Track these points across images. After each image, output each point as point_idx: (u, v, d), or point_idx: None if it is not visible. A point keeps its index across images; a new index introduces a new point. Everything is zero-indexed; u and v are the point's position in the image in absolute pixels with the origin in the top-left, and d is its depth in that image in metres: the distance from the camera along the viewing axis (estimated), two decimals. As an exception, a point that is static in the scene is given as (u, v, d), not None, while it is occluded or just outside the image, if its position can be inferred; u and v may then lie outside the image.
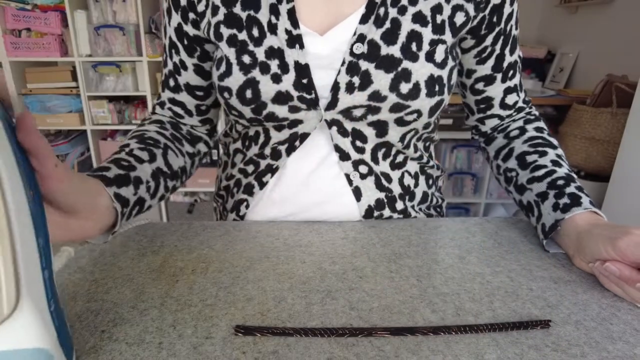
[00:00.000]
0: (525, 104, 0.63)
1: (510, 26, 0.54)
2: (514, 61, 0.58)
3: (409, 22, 0.48)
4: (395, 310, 0.41)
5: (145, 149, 0.52)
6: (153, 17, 2.15)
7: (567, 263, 0.51)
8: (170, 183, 0.55)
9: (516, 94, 0.60)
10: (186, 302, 0.42)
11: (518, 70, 0.59)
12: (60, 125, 2.28)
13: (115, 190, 0.44)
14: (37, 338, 0.26)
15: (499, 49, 0.56)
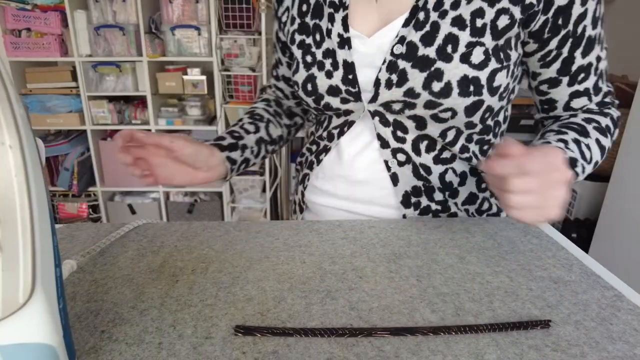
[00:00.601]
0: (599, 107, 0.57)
1: (583, 27, 0.51)
2: (588, 64, 0.54)
3: (447, 25, 0.51)
4: (395, 311, 0.41)
5: (252, 123, 0.70)
6: (153, 17, 2.15)
7: (567, 263, 0.51)
8: (270, 147, 0.73)
9: (587, 97, 0.56)
10: (186, 302, 0.42)
11: (594, 73, 0.55)
12: (60, 125, 2.28)
13: (227, 154, 0.63)
14: (45, 333, 0.26)
15: (566, 52, 0.53)
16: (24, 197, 0.24)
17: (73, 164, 2.28)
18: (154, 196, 2.49)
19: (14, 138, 0.24)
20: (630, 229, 1.49)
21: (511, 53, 0.54)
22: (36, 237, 0.25)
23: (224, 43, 2.16)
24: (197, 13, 2.12)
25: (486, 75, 0.52)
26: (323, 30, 0.59)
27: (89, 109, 2.22)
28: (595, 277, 0.48)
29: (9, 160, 0.24)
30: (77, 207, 2.44)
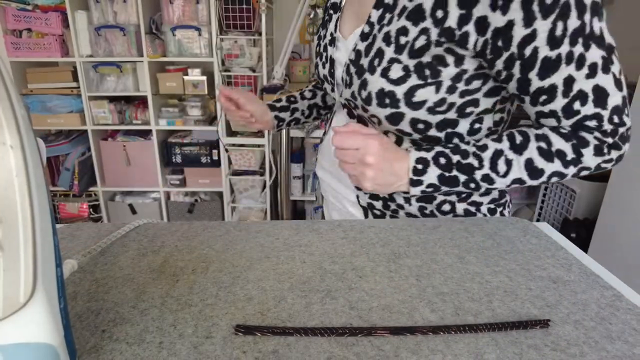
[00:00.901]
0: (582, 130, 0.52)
1: (533, 49, 0.47)
2: (550, 86, 0.49)
3: (380, 40, 0.55)
4: (394, 310, 0.41)
5: (312, 91, 0.91)
6: (153, 18, 2.16)
7: (567, 263, 0.51)
8: (323, 112, 0.92)
9: (554, 119, 0.52)
10: (186, 301, 0.42)
11: (563, 95, 0.49)
12: (61, 126, 2.28)
13: (276, 114, 0.87)
14: (46, 333, 0.26)
15: (518, 73, 0.50)
16: (25, 197, 0.24)
17: (74, 164, 2.28)
18: (155, 196, 2.49)
19: (15, 138, 0.24)
20: (629, 229, 1.49)
21: (444, 69, 0.53)
22: (37, 236, 0.25)
23: (225, 43, 2.16)
24: (197, 13, 2.12)
25: (403, 90, 0.54)
26: (326, 28, 0.70)
27: (89, 109, 2.22)
28: (595, 276, 0.48)
29: (10, 160, 0.24)
30: (77, 207, 2.45)
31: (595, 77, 0.49)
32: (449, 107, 0.55)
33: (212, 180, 2.43)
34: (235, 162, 2.33)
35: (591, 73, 0.48)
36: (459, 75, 0.53)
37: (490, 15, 0.47)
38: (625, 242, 1.51)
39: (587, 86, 0.49)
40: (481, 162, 0.54)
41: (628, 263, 1.50)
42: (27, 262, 0.24)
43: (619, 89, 0.50)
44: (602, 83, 0.49)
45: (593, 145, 0.52)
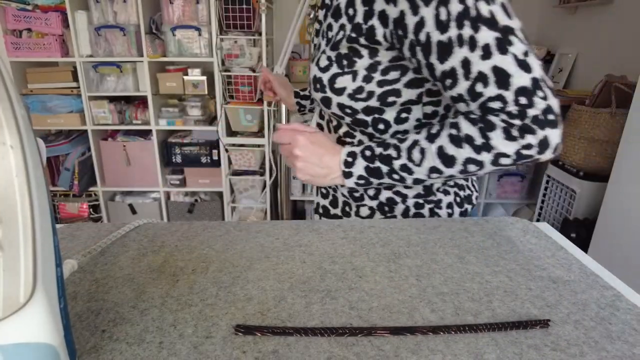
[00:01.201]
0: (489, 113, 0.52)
1: (426, 34, 0.50)
2: (450, 69, 0.51)
3: (321, 36, 0.65)
4: (394, 310, 0.41)
5: None
6: (154, 18, 2.16)
7: (566, 263, 0.51)
8: None
9: (464, 103, 0.53)
10: (186, 301, 0.42)
11: (465, 78, 0.50)
12: (61, 126, 2.28)
13: (298, 100, 1.04)
14: (46, 333, 0.26)
15: (422, 58, 0.53)
16: (25, 197, 0.24)
17: (74, 164, 2.28)
18: (155, 196, 2.49)
19: (15, 138, 0.24)
20: (629, 229, 1.49)
21: (358, 60, 0.58)
22: (37, 236, 0.25)
23: (225, 43, 2.16)
24: (197, 14, 2.12)
25: (327, 77, 0.61)
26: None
27: (89, 109, 2.22)
28: (595, 276, 0.48)
29: (10, 160, 0.24)
30: (77, 207, 2.45)
31: (492, 59, 0.49)
32: (369, 95, 0.60)
33: (212, 180, 2.43)
34: (235, 162, 2.33)
35: (486, 54, 0.49)
36: (374, 65, 0.58)
37: (387, 8, 0.52)
38: (625, 242, 1.51)
39: (485, 67, 0.49)
40: (399, 152, 0.58)
41: (628, 263, 1.50)
42: (27, 262, 0.24)
43: (524, 70, 0.49)
44: (500, 64, 0.49)
45: (500, 128, 0.51)
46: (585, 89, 2.16)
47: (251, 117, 2.26)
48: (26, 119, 0.26)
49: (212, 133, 2.29)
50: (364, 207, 0.70)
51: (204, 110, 2.28)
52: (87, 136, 2.28)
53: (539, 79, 0.49)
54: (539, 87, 0.49)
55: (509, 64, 0.49)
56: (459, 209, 0.69)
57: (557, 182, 1.99)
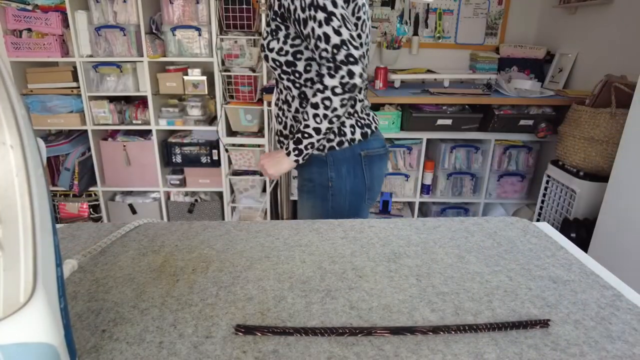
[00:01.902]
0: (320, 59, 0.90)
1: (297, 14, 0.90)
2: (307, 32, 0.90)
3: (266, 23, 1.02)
4: (394, 310, 0.41)
5: None
6: (154, 18, 2.16)
7: (566, 263, 0.51)
8: None
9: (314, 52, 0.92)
10: (187, 301, 0.42)
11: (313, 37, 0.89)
12: (61, 126, 2.28)
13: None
14: (46, 332, 0.26)
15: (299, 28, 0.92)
16: (25, 196, 0.24)
17: (74, 164, 2.28)
18: (155, 196, 2.49)
19: (15, 138, 0.24)
20: (629, 229, 1.49)
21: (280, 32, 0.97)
22: (37, 236, 0.25)
23: (225, 43, 2.16)
24: (197, 14, 2.12)
25: (266, 42, 0.99)
26: None
27: (89, 109, 2.22)
28: (595, 276, 0.48)
29: (10, 160, 0.24)
30: (77, 207, 2.45)
31: (322, 28, 0.87)
32: (286, 53, 0.98)
33: (212, 180, 2.43)
34: (235, 162, 2.33)
35: (319, 25, 0.87)
36: (287, 35, 0.97)
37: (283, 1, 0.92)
38: (625, 242, 1.51)
39: (320, 32, 0.87)
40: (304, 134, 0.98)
41: (628, 263, 1.50)
42: (27, 262, 0.24)
43: (337, 35, 0.86)
44: (326, 31, 0.87)
45: (326, 74, 0.88)
46: (585, 89, 2.16)
47: (251, 117, 2.26)
48: (26, 119, 0.26)
49: (212, 133, 2.29)
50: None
51: (204, 110, 2.28)
52: (87, 136, 2.28)
53: (345, 40, 0.86)
54: (344, 44, 0.87)
55: (330, 31, 0.87)
56: (360, 130, 1.05)
57: (557, 182, 1.99)
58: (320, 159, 1.05)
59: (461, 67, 2.67)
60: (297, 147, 0.98)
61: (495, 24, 2.64)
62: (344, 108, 0.92)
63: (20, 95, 0.25)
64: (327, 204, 1.07)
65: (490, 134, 2.22)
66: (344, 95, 0.89)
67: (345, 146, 1.03)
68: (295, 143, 0.98)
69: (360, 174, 1.07)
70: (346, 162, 1.05)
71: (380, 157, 1.11)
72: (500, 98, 2.14)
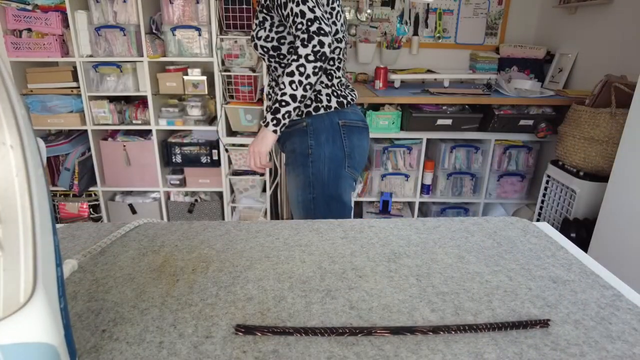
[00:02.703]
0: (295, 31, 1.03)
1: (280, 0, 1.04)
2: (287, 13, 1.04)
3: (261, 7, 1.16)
4: (394, 310, 0.41)
5: None
6: (154, 18, 2.16)
7: (566, 263, 0.51)
8: None
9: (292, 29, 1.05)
10: (187, 301, 0.42)
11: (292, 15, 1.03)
12: (61, 126, 2.28)
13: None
14: (46, 333, 0.26)
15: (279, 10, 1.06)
16: (25, 196, 0.24)
17: (74, 164, 2.28)
18: (155, 196, 2.49)
19: (15, 138, 0.24)
20: (629, 229, 1.49)
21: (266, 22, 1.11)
22: (37, 236, 0.25)
23: (224, 43, 2.16)
24: (197, 14, 2.12)
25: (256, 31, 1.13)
26: None
27: (89, 109, 2.22)
28: (595, 276, 0.48)
29: (10, 160, 0.24)
30: (77, 206, 2.45)
31: (299, 6, 1.00)
32: (272, 39, 1.12)
33: (212, 180, 2.43)
34: (235, 162, 2.33)
35: (296, 5, 1.01)
36: (272, 23, 1.11)
37: None
38: (625, 242, 1.51)
39: (297, 10, 1.01)
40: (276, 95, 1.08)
41: (628, 263, 1.50)
42: (27, 262, 0.24)
43: (311, 12, 1.00)
44: (302, 9, 1.00)
45: (299, 44, 1.01)
46: (585, 89, 2.16)
47: (251, 117, 2.26)
48: (26, 119, 0.26)
49: (212, 133, 2.29)
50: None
51: (204, 110, 2.28)
52: (87, 136, 2.28)
53: (317, 17, 1.00)
54: (317, 20, 1.00)
55: (305, 9, 1.00)
56: (336, 99, 1.16)
57: (557, 182, 1.99)
58: (301, 129, 1.15)
59: (461, 67, 2.67)
60: (275, 116, 1.06)
61: (495, 24, 2.64)
62: (316, 76, 1.03)
63: (20, 95, 0.25)
64: (307, 170, 1.15)
65: (490, 134, 2.22)
66: (316, 64, 1.01)
67: (321, 112, 1.14)
68: (273, 113, 1.06)
69: (339, 142, 1.14)
70: (325, 131, 1.14)
71: (360, 130, 1.19)
72: (500, 98, 2.14)
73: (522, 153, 2.33)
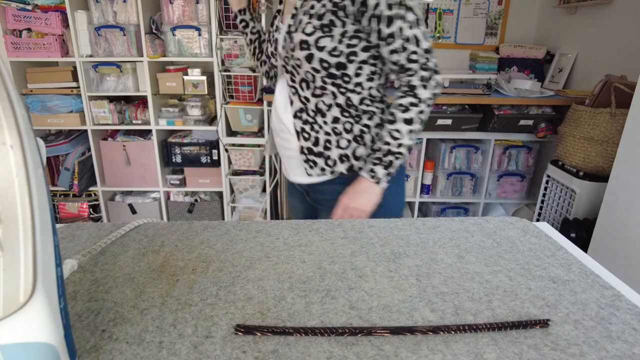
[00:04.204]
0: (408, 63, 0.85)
1: (379, 10, 0.81)
2: (392, 32, 0.83)
3: (301, 15, 0.88)
4: (394, 310, 0.41)
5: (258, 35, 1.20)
6: (153, 18, 2.16)
7: (566, 263, 0.51)
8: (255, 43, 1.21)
9: (397, 54, 0.85)
10: (186, 301, 0.42)
11: (399, 37, 0.82)
12: (61, 125, 2.28)
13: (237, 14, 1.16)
14: (46, 332, 0.26)
15: (376, 26, 0.83)
16: (25, 196, 0.24)
17: (74, 164, 2.28)
18: (155, 196, 2.49)
19: (15, 138, 0.24)
20: (629, 229, 1.49)
21: (334, 28, 0.85)
22: (37, 236, 0.25)
23: (224, 43, 2.16)
24: (197, 14, 2.12)
25: (313, 39, 0.86)
26: (274, 24, 1.00)
27: (89, 109, 2.22)
28: (594, 276, 0.48)
29: (10, 160, 0.24)
30: (77, 206, 2.45)
31: (412, 30, 0.82)
32: (340, 53, 0.87)
33: (212, 180, 2.43)
34: (235, 162, 2.33)
35: (410, 27, 0.82)
36: (344, 33, 0.86)
37: None
38: (625, 242, 1.51)
39: (410, 33, 0.82)
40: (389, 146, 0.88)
41: (628, 263, 1.50)
42: (27, 262, 0.24)
43: (425, 40, 0.83)
44: (416, 34, 0.83)
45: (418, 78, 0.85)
46: (585, 89, 2.16)
47: (251, 117, 2.26)
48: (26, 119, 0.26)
49: (212, 133, 2.29)
50: (342, 140, 0.95)
51: (204, 110, 2.28)
52: (87, 136, 2.28)
53: (431, 47, 0.84)
54: (431, 51, 0.85)
55: (420, 35, 0.83)
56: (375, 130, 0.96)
57: (557, 182, 1.99)
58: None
59: (461, 67, 2.67)
60: (389, 171, 0.87)
61: (495, 24, 2.64)
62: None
63: (20, 95, 0.25)
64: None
65: (490, 134, 2.22)
66: (431, 108, 0.86)
67: None
68: (387, 167, 0.86)
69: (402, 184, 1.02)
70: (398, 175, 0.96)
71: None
72: (500, 98, 2.15)
73: (522, 153, 2.33)
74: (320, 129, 0.94)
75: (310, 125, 0.94)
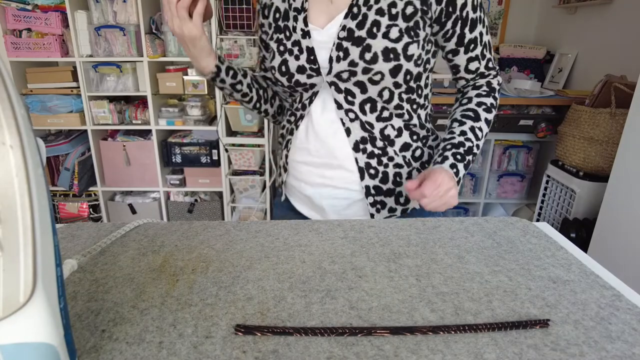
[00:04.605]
0: (487, 70, 0.80)
1: (466, 12, 0.73)
2: (474, 37, 0.76)
3: (373, 14, 0.71)
4: (394, 310, 0.41)
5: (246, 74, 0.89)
6: (153, 18, 2.15)
7: (566, 263, 0.51)
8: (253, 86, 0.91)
9: (477, 62, 0.79)
10: (186, 301, 0.42)
11: (480, 44, 0.76)
12: (61, 126, 2.28)
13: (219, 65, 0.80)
14: (46, 332, 0.26)
15: (459, 29, 0.74)
16: (25, 197, 0.24)
17: (73, 164, 2.28)
18: (155, 196, 2.49)
19: (15, 138, 0.24)
20: (629, 229, 1.49)
21: (419, 32, 0.72)
22: (37, 236, 0.25)
23: (224, 43, 2.16)
24: (197, 13, 2.12)
25: (401, 46, 0.70)
26: (290, 28, 0.78)
27: (89, 109, 2.22)
28: (594, 276, 0.48)
29: (10, 160, 0.24)
30: (77, 206, 2.45)
31: (487, 35, 0.77)
32: (422, 61, 0.75)
33: (212, 180, 2.43)
34: (235, 162, 2.33)
35: (486, 31, 0.77)
36: (426, 36, 0.74)
37: None
38: (625, 242, 1.51)
39: (486, 39, 0.77)
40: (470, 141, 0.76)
41: (628, 263, 1.50)
42: (27, 262, 0.24)
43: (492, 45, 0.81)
44: (490, 39, 0.78)
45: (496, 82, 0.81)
46: (585, 89, 2.16)
47: (251, 117, 2.26)
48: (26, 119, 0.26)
49: (212, 133, 2.29)
50: (414, 171, 0.82)
51: (203, 110, 2.28)
52: (87, 136, 2.28)
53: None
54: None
55: (490, 39, 0.78)
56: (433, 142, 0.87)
57: (557, 182, 1.99)
58: None
59: (461, 67, 2.67)
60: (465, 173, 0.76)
61: (495, 24, 2.64)
62: None
63: (20, 95, 0.25)
64: None
65: (490, 134, 2.22)
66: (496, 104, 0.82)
67: None
68: (465, 168, 0.76)
69: None
70: None
71: None
72: (500, 98, 2.14)
73: (522, 153, 2.33)
74: (389, 162, 0.78)
75: (377, 159, 0.78)
